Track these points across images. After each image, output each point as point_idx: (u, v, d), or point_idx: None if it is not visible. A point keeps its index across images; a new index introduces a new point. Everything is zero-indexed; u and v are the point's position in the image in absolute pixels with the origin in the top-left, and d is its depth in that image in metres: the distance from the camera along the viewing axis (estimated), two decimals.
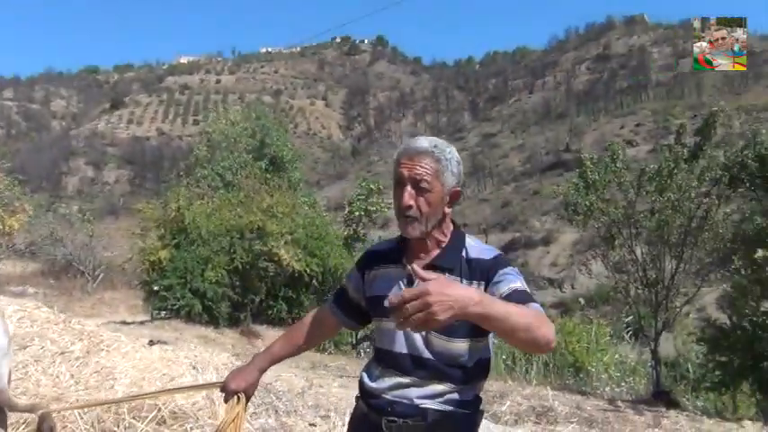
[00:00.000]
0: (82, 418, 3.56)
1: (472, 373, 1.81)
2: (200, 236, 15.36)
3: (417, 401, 1.76)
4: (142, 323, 14.71)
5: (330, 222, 20.79)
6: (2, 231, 16.14)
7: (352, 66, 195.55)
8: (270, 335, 16.34)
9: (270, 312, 17.46)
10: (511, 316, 1.49)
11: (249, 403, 5.87)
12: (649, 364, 12.50)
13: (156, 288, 14.99)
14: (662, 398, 10.05)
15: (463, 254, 1.80)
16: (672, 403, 9.80)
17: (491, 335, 1.83)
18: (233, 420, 1.95)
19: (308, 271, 16.30)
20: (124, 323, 14.48)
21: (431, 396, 1.77)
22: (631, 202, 10.98)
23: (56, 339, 5.66)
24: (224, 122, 24.33)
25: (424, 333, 1.76)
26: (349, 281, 2.04)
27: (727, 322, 10.55)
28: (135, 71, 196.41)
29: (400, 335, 1.80)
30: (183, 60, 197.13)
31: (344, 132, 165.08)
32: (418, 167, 1.75)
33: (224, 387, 2.02)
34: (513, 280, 1.72)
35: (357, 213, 20.41)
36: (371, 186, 20.96)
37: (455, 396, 1.78)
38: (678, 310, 11.66)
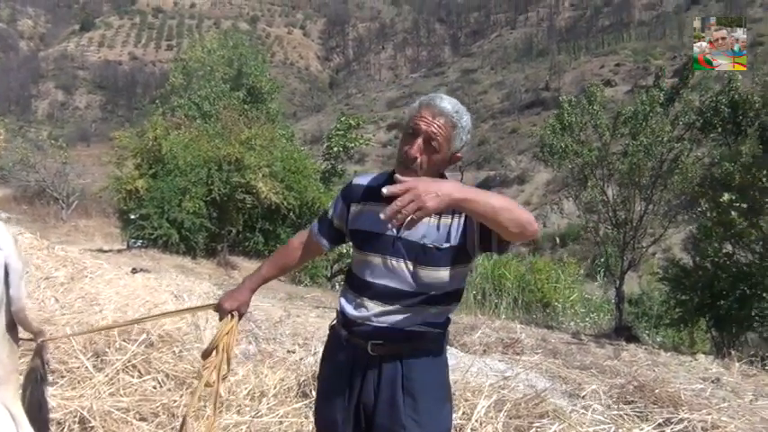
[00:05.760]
0: (74, 339, 3.71)
1: (450, 299, 1.97)
2: (177, 166, 15.28)
3: (401, 325, 1.91)
4: (119, 251, 14.78)
5: (308, 156, 20.77)
6: None
7: None
8: (246, 266, 16.55)
9: (247, 244, 17.66)
10: (490, 197, 1.65)
11: None
12: (613, 301, 12.99)
13: (132, 217, 15.02)
14: (623, 333, 10.54)
15: None
16: (632, 338, 10.29)
17: (471, 264, 2.01)
18: (227, 333, 2.13)
19: (286, 204, 16.39)
20: (101, 251, 14.53)
21: (414, 320, 1.92)
22: (606, 144, 11.18)
23: (40, 265, 5.77)
24: (200, 50, 23.79)
25: (411, 267, 1.89)
26: (334, 209, 2.12)
27: (690, 262, 10.97)
28: None
29: (387, 269, 1.92)
30: None
31: (322, 63, 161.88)
32: (435, 126, 1.84)
33: (218, 307, 2.17)
34: None
35: (336, 149, 20.38)
36: (350, 122, 20.89)
37: (434, 319, 1.95)
38: (644, 250, 12.07)
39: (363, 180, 2.10)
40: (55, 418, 3.00)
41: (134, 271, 6.33)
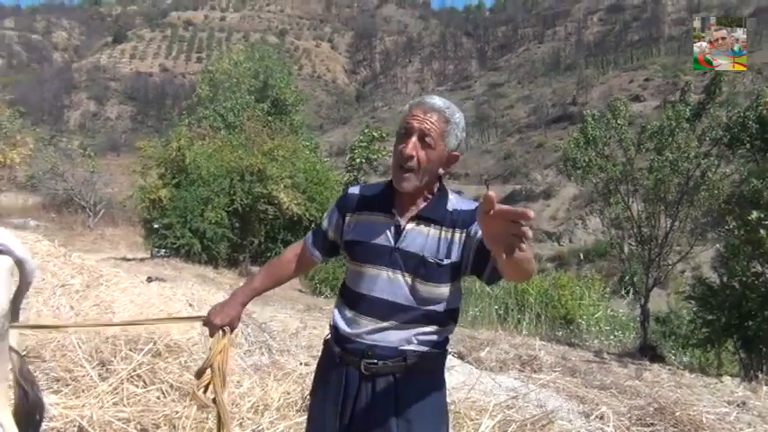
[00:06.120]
0: (81, 348, 3.69)
1: (448, 317, 1.88)
2: (200, 176, 15.42)
3: (397, 344, 1.83)
4: (142, 260, 14.90)
5: (331, 168, 20.82)
6: (2, 164, 16.15)
7: (359, 7, 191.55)
8: None
9: (268, 254, 17.68)
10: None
11: (244, 341, 6.05)
12: (638, 319, 12.72)
13: (156, 226, 15.14)
14: (647, 352, 10.28)
15: (448, 207, 1.86)
16: (657, 358, 10.04)
17: (460, 280, 1.92)
18: (220, 352, 2.03)
19: (307, 215, 16.41)
20: (125, 259, 14.67)
21: (410, 339, 1.83)
22: (631, 159, 10.99)
23: (56, 272, 5.78)
24: (227, 62, 24.09)
25: (410, 280, 1.82)
26: (329, 221, 2.05)
27: (718, 281, 10.69)
28: (138, 4, 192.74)
29: (383, 281, 1.84)
30: None
31: (349, 76, 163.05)
32: (428, 122, 1.80)
33: (208, 322, 2.07)
34: None
35: (358, 160, 20.41)
36: (374, 134, 20.92)
37: (431, 338, 1.86)
38: (670, 267, 11.81)
39: (359, 190, 2.04)
40: (55, 427, 2.97)
41: (149, 280, 6.33)
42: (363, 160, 20.24)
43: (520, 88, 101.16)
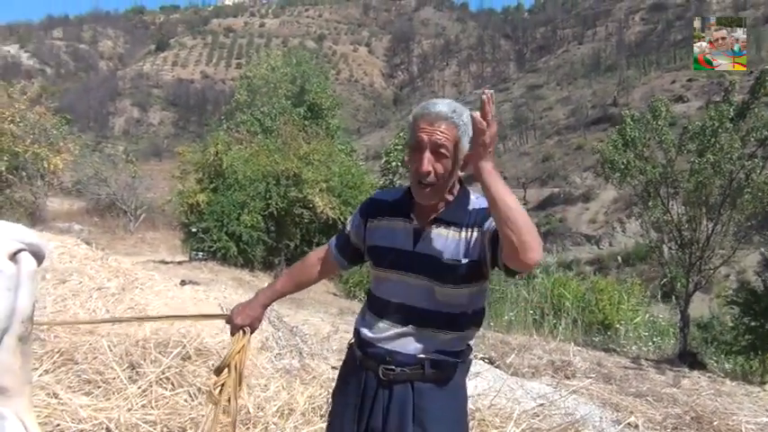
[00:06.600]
0: (111, 351, 3.76)
1: (468, 322, 1.88)
2: (237, 180, 15.62)
3: (415, 351, 1.83)
4: (180, 263, 15.14)
5: (367, 171, 20.85)
6: (47, 170, 16.72)
7: (397, 11, 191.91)
8: None
9: None
10: (510, 193, 1.62)
11: (275, 344, 6.07)
12: (678, 324, 12.39)
13: (193, 230, 15.38)
14: (687, 359, 9.99)
15: (468, 208, 1.84)
16: (697, 364, 9.74)
17: (487, 282, 1.90)
18: (238, 352, 2.06)
19: (342, 219, 16.47)
20: (163, 262, 14.92)
21: (429, 346, 1.83)
22: (671, 161, 10.70)
23: (93, 275, 5.92)
24: (265, 67, 24.38)
25: (429, 284, 1.81)
26: (351, 225, 2.07)
27: (762, 286, 10.37)
28: (180, 13, 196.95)
29: (403, 285, 1.85)
30: (228, 2, 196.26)
31: (387, 80, 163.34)
32: (438, 133, 1.76)
33: (230, 321, 2.11)
34: None
35: (394, 164, 20.41)
36: None
37: (451, 345, 1.85)
38: (712, 271, 11.46)
39: (382, 195, 2.07)
40: (84, 429, 3.02)
41: (183, 283, 6.43)
42: (399, 163, 20.23)
43: (559, 90, 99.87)
